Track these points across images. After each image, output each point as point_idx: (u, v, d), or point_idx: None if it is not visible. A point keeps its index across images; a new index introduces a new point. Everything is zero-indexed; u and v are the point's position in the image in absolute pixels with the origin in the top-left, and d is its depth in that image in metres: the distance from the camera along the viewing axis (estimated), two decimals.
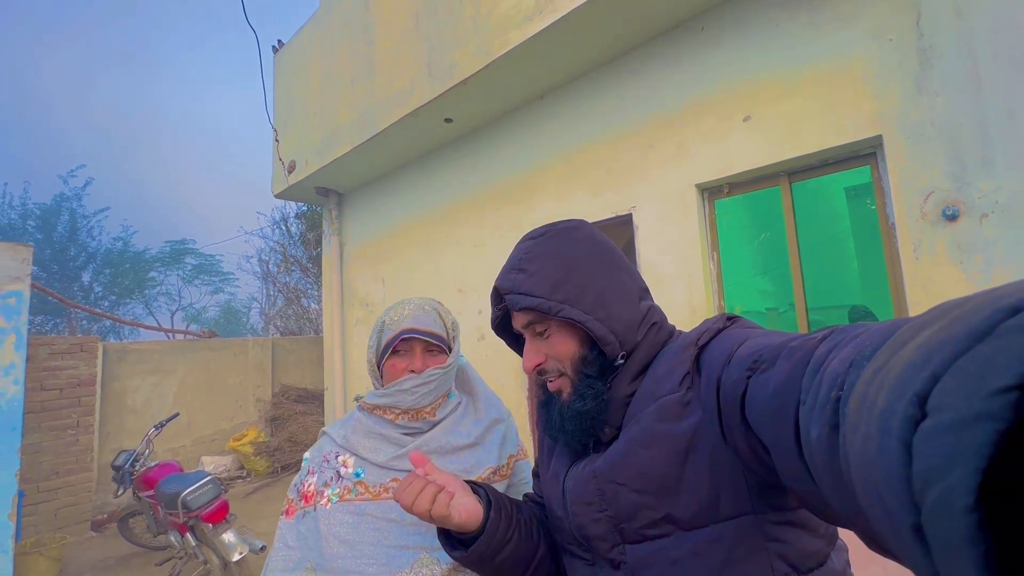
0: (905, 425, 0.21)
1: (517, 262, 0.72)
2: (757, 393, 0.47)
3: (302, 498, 0.93)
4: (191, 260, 17.72)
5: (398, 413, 0.93)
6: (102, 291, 15.99)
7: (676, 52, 2.86)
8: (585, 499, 0.66)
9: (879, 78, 2.18)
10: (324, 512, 0.88)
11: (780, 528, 0.57)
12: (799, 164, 2.49)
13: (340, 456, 0.94)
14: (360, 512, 0.87)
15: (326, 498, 0.89)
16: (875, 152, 2.29)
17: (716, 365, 0.56)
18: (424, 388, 0.92)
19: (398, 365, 0.94)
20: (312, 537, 0.88)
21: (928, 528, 0.20)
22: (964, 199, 1.97)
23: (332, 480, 0.91)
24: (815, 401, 0.35)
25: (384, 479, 0.90)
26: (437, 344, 0.96)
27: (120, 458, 3.65)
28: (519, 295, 0.69)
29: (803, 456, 0.38)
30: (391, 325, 0.96)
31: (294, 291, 11.08)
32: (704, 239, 2.76)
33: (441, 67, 3.52)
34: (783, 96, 2.45)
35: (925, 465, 0.20)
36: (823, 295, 3.11)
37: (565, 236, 0.72)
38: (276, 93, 5.76)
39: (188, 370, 6.11)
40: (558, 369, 0.70)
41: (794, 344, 0.45)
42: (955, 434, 0.19)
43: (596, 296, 0.67)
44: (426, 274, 4.51)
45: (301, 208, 9.75)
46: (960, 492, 0.18)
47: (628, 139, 3.06)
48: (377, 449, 0.92)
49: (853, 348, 0.33)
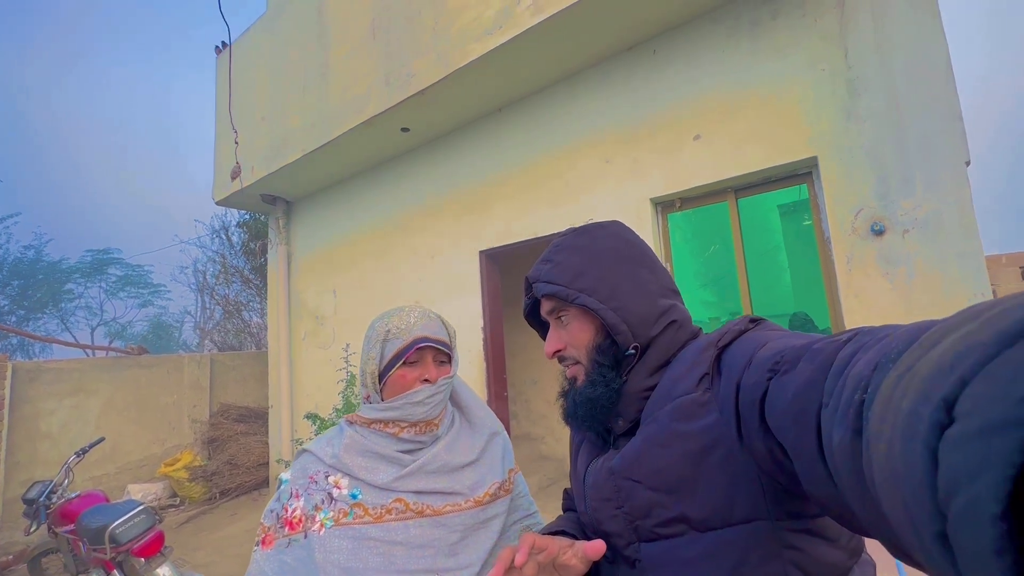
0: (931, 430, 0.21)
1: (547, 254, 0.76)
2: (778, 395, 0.46)
3: (285, 525, 0.84)
4: (116, 271, 16.36)
5: (405, 427, 0.88)
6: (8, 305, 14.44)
7: (631, 71, 2.99)
8: (603, 495, 0.68)
9: (814, 104, 2.38)
10: (318, 538, 0.80)
11: (797, 536, 0.56)
12: (744, 181, 2.66)
13: (330, 476, 0.87)
14: (361, 536, 0.80)
15: (319, 523, 0.82)
16: (811, 172, 2.48)
17: (736, 367, 0.56)
18: (436, 398, 0.89)
19: (409, 375, 0.89)
20: (303, 567, 0.80)
21: (954, 536, 0.19)
22: (889, 216, 2.17)
23: (323, 503, 0.84)
24: (838, 404, 0.34)
25: (386, 500, 0.84)
26: (445, 352, 0.93)
27: (34, 490, 3.26)
28: (543, 283, 0.73)
29: (825, 460, 0.38)
30: (398, 334, 0.90)
31: (234, 304, 10.47)
32: (659, 251, 2.87)
33: (399, 76, 3.49)
34: (729, 117, 2.61)
35: (951, 472, 0.19)
36: (764, 305, 3.31)
37: (592, 232, 0.76)
38: (218, 95, 5.48)
39: (114, 390, 5.59)
40: (574, 356, 0.73)
41: (817, 346, 0.44)
42: (983, 440, 0.18)
43: (612, 287, 0.70)
44: (382, 285, 4.41)
45: (244, 216, 9.27)
46: (988, 500, 0.17)
47: (586, 153, 3.15)
48: (375, 469, 0.86)
49: (878, 351, 0.33)
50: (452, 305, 3.79)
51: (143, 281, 16.69)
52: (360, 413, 0.92)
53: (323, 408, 4.64)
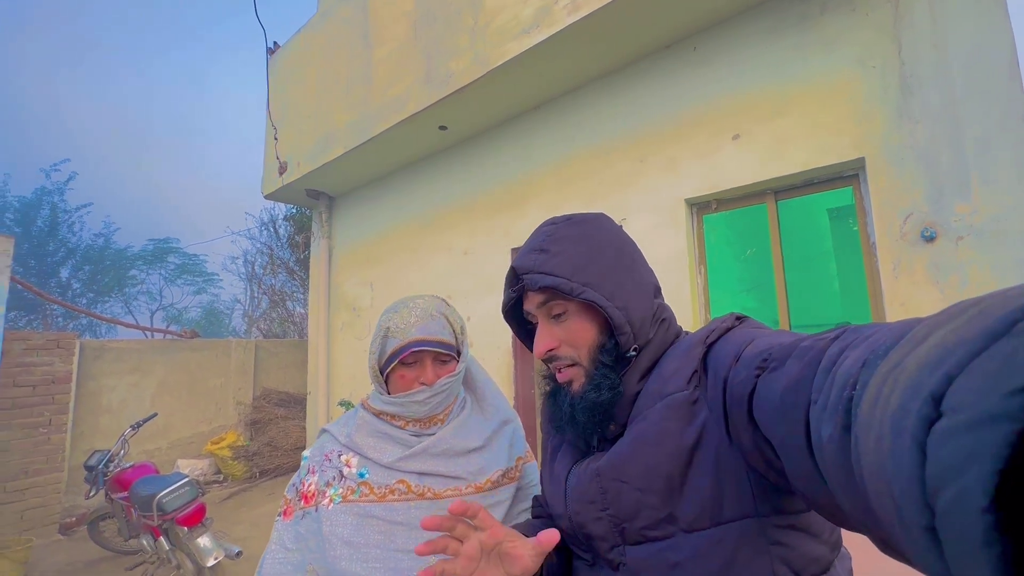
0: (919, 425, 0.21)
1: (539, 243, 0.69)
2: (766, 392, 0.46)
3: (301, 498, 0.89)
4: (174, 259, 17.39)
5: (408, 421, 0.91)
6: (80, 288, 15.60)
7: (669, 69, 2.93)
8: (587, 497, 0.65)
9: (863, 103, 2.26)
10: (326, 512, 0.85)
11: (784, 532, 0.56)
12: (785, 183, 2.56)
13: (343, 455, 0.91)
14: (365, 514, 0.84)
15: (328, 498, 0.86)
16: (858, 174, 2.36)
17: (723, 364, 0.56)
18: (436, 399, 0.90)
19: (407, 376, 0.90)
20: (313, 539, 0.85)
21: (942, 530, 0.19)
22: (941, 221, 2.05)
23: (334, 480, 0.88)
24: (827, 401, 0.34)
25: (390, 480, 0.87)
26: (447, 353, 0.92)
27: (94, 458, 3.55)
28: (540, 274, 0.66)
29: (813, 456, 0.38)
30: (396, 334, 0.89)
31: (279, 294, 10.94)
32: (692, 253, 2.81)
33: (438, 75, 3.56)
34: (771, 116, 2.53)
35: (939, 466, 0.19)
36: (805, 312, 3.17)
37: (589, 224, 0.71)
38: (271, 94, 5.75)
39: (168, 370, 5.98)
40: (571, 357, 0.68)
41: (805, 344, 0.44)
42: (971, 434, 0.18)
43: (616, 284, 0.66)
44: (415, 280, 4.51)
45: (290, 210, 9.68)
46: (976, 493, 0.17)
47: (621, 152, 3.12)
48: (383, 449, 0.89)
49: (866, 348, 0.33)
50: (483, 302, 3.83)
51: (198, 269, 17.67)
52: (370, 402, 0.95)
53: (357, 396, 4.79)
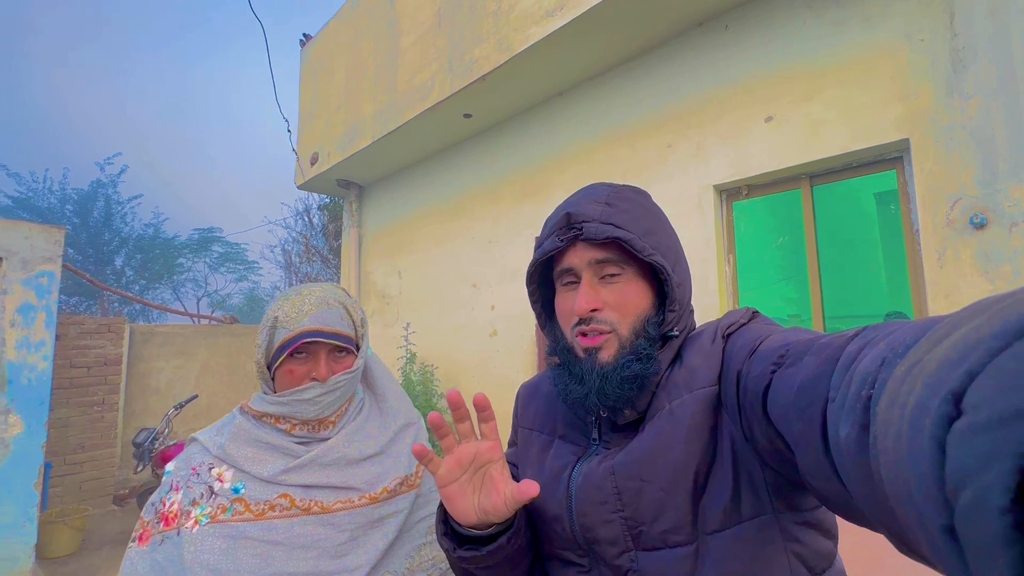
0: (939, 423, 0.20)
1: (603, 196, 0.64)
2: (782, 388, 0.46)
3: (161, 520, 0.77)
4: (218, 248, 18.22)
5: (295, 424, 0.80)
6: (133, 275, 16.55)
7: (698, 50, 2.81)
8: (598, 498, 0.60)
9: (909, 80, 2.11)
10: (189, 536, 0.73)
11: (799, 528, 0.56)
12: (821, 167, 2.43)
13: (214, 468, 0.79)
14: (237, 535, 0.73)
15: (193, 519, 0.74)
16: (902, 156, 2.22)
17: (737, 358, 0.55)
18: (329, 397, 0.80)
19: (297, 371, 0.80)
20: (174, 567, 0.72)
21: (961, 529, 0.19)
22: (993, 207, 1.90)
23: (202, 497, 0.76)
24: (845, 399, 0.34)
25: (270, 495, 0.77)
26: (345, 346, 0.82)
27: (141, 436, 3.79)
28: (609, 225, 0.60)
29: (829, 454, 0.37)
30: (286, 323, 0.79)
31: (315, 280, 11.29)
32: (720, 241, 2.72)
33: (461, 63, 3.54)
34: (807, 97, 2.39)
35: (959, 464, 0.19)
36: (843, 304, 3.00)
37: (647, 195, 0.68)
38: (302, 86, 5.87)
39: (210, 354, 6.28)
40: (611, 323, 0.62)
41: (823, 341, 0.44)
42: (992, 433, 0.18)
43: (676, 258, 0.63)
44: (441, 268, 4.55)
45: (324, 200, 9.91)
46: (996, 492, 0.17)
47: (646, 137, 3.03)
48: (262, 460, 0.78)
49: (886, 346, 0.32)
50: (508, 291, 3.83)
51: (240, 258, 18.45)
52: (251, 404, 0.84)
53: None
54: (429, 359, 4.36)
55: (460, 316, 4.23)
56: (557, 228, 0.64)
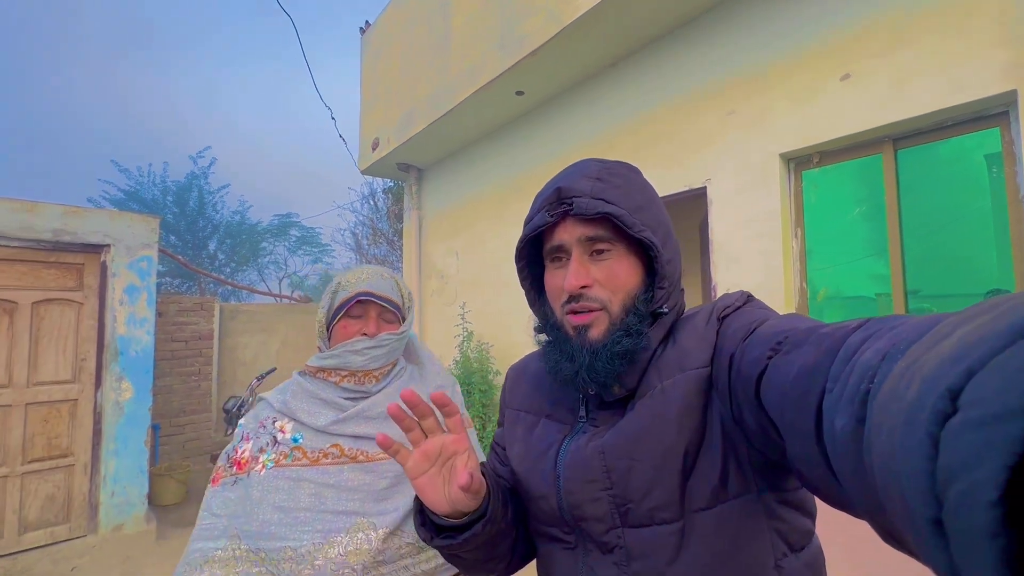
0: (934, 419, 0.21)
1: (593, 171, 0.63)
2: (778, 374, 0.45)
3: (233, 465, 0.90)
4: (295, 232, 19.49)
5: (344, 375, 0.91)
6: (224, 258, 18.16)
7: (764, 5, 2.58)
8: (587, 476, 0.61)
9: (1016, 23, 1.82)
10: (258, 478, 0.85)
11: (781, 507, 0.58)
12: (907, 128, 2.17)
13: (277, 421, 0.91)
14: (297, 478, 0.85)
15: (260, 464, 0.86)
16: (1007, 111, 1.93)
17: (732, 341, 0.56)
18: (376, 351, 0.90)
19: (351, 327, 0.92)
20: (242, 504, 0.84)
21: (949, 522, 0.19)
22: None
23: (268, 446, 0.89)
24: (843, 391, 0.34)
25: (323, 444, 0.88)
26: (392, 311, 0.94)
27: (229, 403, 4.21)
28: (600, 200, 0.60)
29: (821, 443, 0.38)
30: (346, 287, 0.93)
31: (382, 263, 11.82)
32: (787, 214, 2.52)
33: (511, 39, 3.48)
34: (890, 48, 2.13)
35: (951, 459, 0.19)
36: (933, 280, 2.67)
37: (637, 172, 0.68)
38: (363, 73, 6.05)
39: (288, 330, 6.80)
40: (601, 301, 0.62)
41: (824, 331, 0.43)
42: (985, 429, 0.18)
43: (666, 235, 0.63)
44: (495, 247, 4.59)
45: (388, 183, 10.27)
46: (986, 487, 0.17)
47: (705, 105, 2.85)
48: (316, 413, 0.90)
49: (888, 340, 0.32)
50: None
51: (314, 241, 19.64)
52: (309, 363, 0.96)
53: (445, 359, 5.08)
54: (485, 337, 4.46)
55: (513, 296, 4.27)
56: (547, 203, 0.65)
